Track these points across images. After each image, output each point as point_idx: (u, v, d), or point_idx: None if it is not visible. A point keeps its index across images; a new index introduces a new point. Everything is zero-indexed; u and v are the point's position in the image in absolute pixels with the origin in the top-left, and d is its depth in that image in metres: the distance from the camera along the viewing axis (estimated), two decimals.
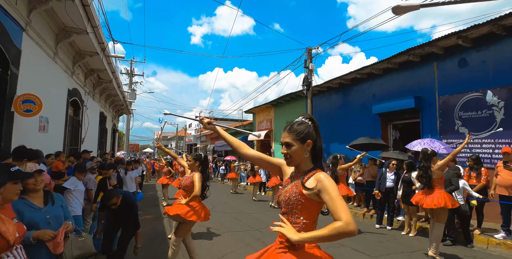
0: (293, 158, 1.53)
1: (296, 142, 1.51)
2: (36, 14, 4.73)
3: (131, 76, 20.25)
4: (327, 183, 1.41)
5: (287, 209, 1.50)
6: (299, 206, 1.46)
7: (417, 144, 6.65)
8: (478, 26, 6.46)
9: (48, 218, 2.19)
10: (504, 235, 5.13)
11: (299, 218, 1.46)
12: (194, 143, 38.51)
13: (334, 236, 1.31)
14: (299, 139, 1.51)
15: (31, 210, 2.16)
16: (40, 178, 2.25)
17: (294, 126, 1.55)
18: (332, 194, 1.37)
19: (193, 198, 3.50)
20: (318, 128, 1.59)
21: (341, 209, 1.32)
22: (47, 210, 2.23)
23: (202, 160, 3.74)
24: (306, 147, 1.52)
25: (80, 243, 2.36)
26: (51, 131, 5.75)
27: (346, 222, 1.29)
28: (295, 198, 1.46)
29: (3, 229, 1.61)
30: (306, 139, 1.52)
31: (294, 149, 1.51)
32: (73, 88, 7.32)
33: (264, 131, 17.33)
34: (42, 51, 5.25)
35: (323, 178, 1.43)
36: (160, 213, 7.79)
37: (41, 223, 2.13)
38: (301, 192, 1.45)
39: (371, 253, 4.65)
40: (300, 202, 1.46)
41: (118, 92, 12.05)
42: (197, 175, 3.55)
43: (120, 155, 15.54)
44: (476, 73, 7.04)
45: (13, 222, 1.75)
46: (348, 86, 11.13)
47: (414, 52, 8.04)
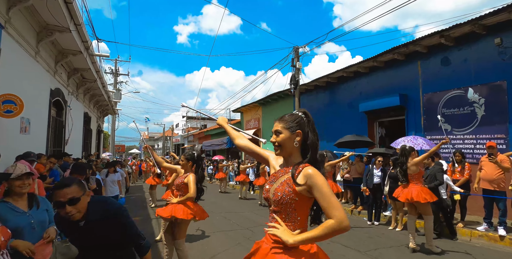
0: (282, 147, 1.52)
1: (284, 130, 1.51)
2: (16, 11, 4.56)
3: (116, 75, 19.85)
4: (318, 179, 1.38)
5: (280, 208, 1.45)
6: (293, 204, 1.42)
7: (401, 141, 6.82)
8: (459, 25, 6.66)
9: (32, 223, 2.11)
10: (486, 227, 5.33)
11: (293, 216, 1.44)
12: (181, 143, 38.13)
13: (328, 235, 1.31)
14: (288, 127, 1.51)
15: (14, 214, 2.07)
16: (28, 181, 2.15)
17: (286, 116, 1.56)
18: (323, 191, 1.35)
19: (187, 199, 3.41)
20: (313, 123, 1.57)
21: (333, 207, 1.32)
22: (32, 214, 2.14)
23: (195, 160, 3.62)
24: (295, 136, 1.51)
25: (65, 249, 2.26)
26: (33, 132, 5.57)
27: (339, 219, 1.29)
28: (289, 197, 1.42)
29: None
30: (296, 129, 1.51)
31: (282, 136, 1.50)
32: (56, 88, 7.11)
33: (252, 130, 17.34)
34: (23, 49, 5.08)
35: (313, 174, 1.39)
36: (148, 215, 7.68)
37: (25, 229, 2.04)
38: (295, 190, 1.41)
39: (360, 249, 4.73)
40: (294, 201, 1.42)
41: (102, 92, 11.80)
42: (191, 176, 3.44)
43: (106, 156, 15.22)
44: (458, 71, 7.26)
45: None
46: (335, 84, 11.27)
47: (399, 51, 8.21)
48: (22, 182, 2.11)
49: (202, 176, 3.65)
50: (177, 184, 3.59)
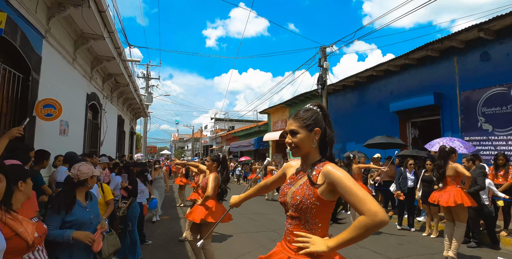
0: (300, 147, 1.38)
1: (302, 129, 1.36)
2: (55, 21, 4.89)
3: (148, 79, 20.67)
4: (338, 174, 1.24)
5: (299, 214, 1.33)
6: (314, 210, 1.30)
7: (436, 143, 6.44)
8: (501, 17, 6.17)
9: (91, 218, 2.20)
10: None
11: (314, 223, 1.31)
12: (209, 144, 38.87)
13: (364, 234, 1.15)
14: (306, 126, 1.36)
15: (78, 208, 2.16)
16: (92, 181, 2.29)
17: (300, 113, 1.41)
18: (347, 185, 1.19)
19: (205, 199, 3.49)
20: (328, 116, 1.44)
21: (362, 200, 1.15)
22: (90, 209, 2.24)
23: (220, 161, 3.70)
24: (314, 135, 1.37)
25: (113, 240, 2.45)
26: (71, 134, 5.93)
27: (371, 213, 1.12)
28: (309, 201, 1.29)
29: (20, 230, 1.57)
30: (314, 127, 1.37)
31: (300, 136, 1.36)
32: (92, 93, 7.53)
33: (279, 131, 17.26)
34: (62, 57, 5.42)
35: (332, 169, 1.26)
36: (177, 214, 7.89)
37: (86, 223, 2.14)
38: (316, 194, 1.28)
39: (390, 255, 4.51)
40: (315, 205, 1.29)
41: (135, 96, 12.31)
42: (211, 176, 3.54)
43: (138, 157, 15.88)
44: (500, 67, 6.73)
45: (32, 222, 1.70)
46: (364, 84, 10.91)
47: (433, 47, 7.78)
48: (93, 180, 2.28)
49: (227, 177, 3.71)
50: (202, 185, 3.69)
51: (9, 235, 1.51)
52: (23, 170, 1.80)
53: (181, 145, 60.69)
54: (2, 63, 3.73)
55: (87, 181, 2.25)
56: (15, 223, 1.56)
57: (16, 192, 1.69)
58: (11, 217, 1.57)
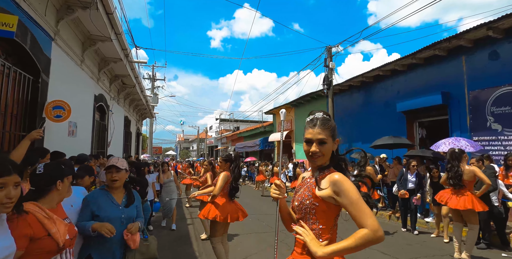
0: (325, 157, 1.38)
1: (329, 139, 1.38)
2: (64, 23, 4.95)
3: (153, 81, 20.80)
4: (345, 185, 1.26)
5: (301, 214, 1.38)
6: (313, 210, 1.33)
7: (442, 144, 6.37)
8: (510, 15, 6.09)
9: (122, 217, 2.16)
10: None
11: (315, 224, 1.34)
12: (215, 145, 38.96)
13: (361, 246, 1.19)
14: (332, 136, 1.39)
15: (110, 205, 2.15)
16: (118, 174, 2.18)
17: (324, 122, 1.40)
18: (352, 197, 1.24)
19: (212, 197, 3.54)
20: None
21: (364, 215, 1.20)
22: (124, 209, 2.20)
23: (233, 160, 3.75)
24: (335, 145, 1.42)
25: (144, 248, 2.25)
26: (79, 135, 5.99)
27: (373, 229, 1.17)
28: (308, 202, 1.34)
29: (53, 230, 1.48)
30: (335, 137, 1.42)
31: (327, 147, 1.38)
32: (99, 94, 7.60)
33: (285, 132, 17.24)
34: (70, 59, 5.49)
35: (339, 179, 1.28)
36: (183, 214, 7.92)
37: (115, 221, 2.09)
38: (314, 194, 1.33)
39: (399, 256, 4.48)
40: (314, 206, 1.33)
41: (141, 97, 12.41)
42: (221, 174, 3.60)
43: (145, 157, 16.00)
44: (509, 66, 6.64)
45: (65, 223, 1.63)
46: (371, 84, 10.85)
47: (441, 46, 7.70)
48: (111, 174, 2.18)
49: (239, 175, 3.76)
50: (214, 183, 3.77)
51: (41, 235, 1.44)
52: (62, 169, 1.76)
53: (186, 145, 60.92)
54: (13, 66, 3.79)
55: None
56: (49, 222, 1.49)
57: (53, 191, 1.65)
58: (46, 215, 1.51)
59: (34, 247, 1.42)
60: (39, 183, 1.62)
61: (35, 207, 1.50)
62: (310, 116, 1.48)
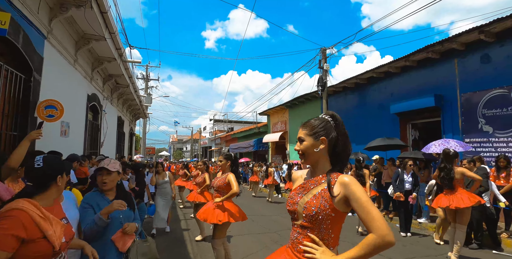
0: (306, 155, 1.40)
1: (307, 137, 1.39)
2: (57, 22, 4.88)
3: (147, 81, 20.64)
4: (355, 188, 1.24)
5: (313, 224, 1.31)
6: (329, 221, 1.28)
7: (432, 145, 6.46)
8: (501, 19, 6.22)
9: (121, 218, 2.12)
10: None
11: (327, 234, 1.30)
12: (208, 146, 38.82)
13: (372, 252, 1.16)
14: (312, 134, 1.38)
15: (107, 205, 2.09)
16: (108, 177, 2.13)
17: (311, 121, 1.43)
18: (362, 201, 1.21)
19: (231, 195, 3.52)
20: (341, 126, 1.41)
21: (374, 218, 1.17)
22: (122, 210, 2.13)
23: (233, 159, 3.77)
24: (320, 144, 1.37)
25: (145, 248, 2.20)
26: (72, 135, 5.90)
27: (382, 233, 1.14)
28: (325, 213, 1.27)
29: (49, 232, 1.34)
30: (321, 135, 1.37)
31: (305, 144, 1.39)
32: (92, 94, 7.50)
33: (279, 133, 17.26)
34: (63, 58, 5.41)
35: (349, 182, 1.26)
36: (177, 215, 7.86)
37: (114, 221, 2.07)
38: (332, 206, 1.27)
39: (394, 257, 4.51)
40: (331, 217, 1.28)
41: (135, 97, 12.29)
42: (231, 176, 3.59)
43: (138, 158, 15.83)
44: (500, 69, 6.77)
45: (62, 223, 1.47)
46: (365, 85, 10.94)
47: (433, 49, 7.81)
48: (101, 177, 2.13)
49: (239, 175, 3.78)
50: (218, 186, 3.68)
51: (35, 237, 1.31)
52: (62, 163, 1.62)
53: (180, 146, 60.60)
54: (4, 64, 3.72)
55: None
56: (45, 223, 1.35)
57: (52, 187, 1.51)
58: (42, 214, 1.35)
59: (26, 250, 1.28)
60: (38, 178, 1.47)
61: (30, 205, 1.35)
62: None
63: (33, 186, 1.48)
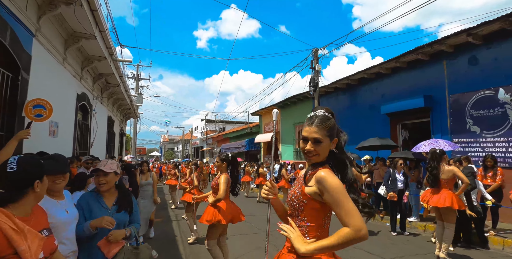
0: (320, 155, 1.36)
1: (325, 138, 1.35)
2: (46, 19, 4.77)
3: (138, 80, 20.41)
4: (329, 182, 1.24)
5: (292, 211, 1.40)
6: (302, 207, 1.33)
7: (421, 145, 6.59)
8: (488, 23, 6.36)
9: None
10: None
11: (303, 221, 1.34)
12: (200, 146, 38.62)
13: (343, 244, 1.19)
14: (329, 135, 1.37)
15: (99, 208, 2.07)
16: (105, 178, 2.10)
17: (322, 120, 1.38)
18: (336, 195, 1.22)
19: (217, 201, 3.51)
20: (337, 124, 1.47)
21: (348, 213, 1.19)
22: (113, 213, 2.11)
23: (230, 161, 3.74)
24: (333, 144, 1.40)
25: (133, 256, 2.08)
26: (61, 135, 5.78)
27: (355, 228, 1.16)
28: (297, 199, 1.35)
29: (22, 247, 1.14)
30: (333, 137, 1.40)
31: (323, 146, 1.35)
32: (82, 93, 7.37)
33: (271, 133, 17.28)
34: (52, 56, 5.30)
35: (324, 176, 1.26)
36: (169, 216, 7.80)
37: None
38: (303, 192, 1.33)
39: (385, 256, 4.56)
40: (303, 203, 1.32)
41: (125, 96, 12.13)
42: (222, 177, 3.56)
43: (128, 158, 15.64)
44: (487, 71, 6.92)
45: (40, 236, 1.26)
46: (356, 86, 11.05)
47: (423, 50, 7.94)
48: (98, 178, 2.11)
49: (237, 176, 3.79)
50: (212, 186, 3.70)
51: (4, 253, 1.12)
52: (40, 165, 1.41)
53: (171, 146, 60.11)
54: None
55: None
56: (18, 236, 1.15)
57: (28, 195, 1.32)
58: (15, 226, 1.16)
59: None
60: (12, 183, 1.28)
61: (1, 215, 1.15)
62: (312, 112, 1.44)
63: (6, 192, 1.27)
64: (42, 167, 1.42)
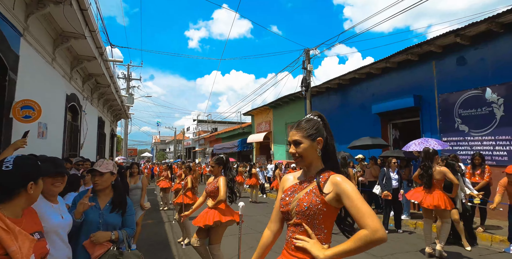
0: (304, 157, 1.40)
1: (305, 139, 1.39)
2: (34, 19, 4.68)
3: (129, 80, 20.20)
4: (347, 186, 1.27)
5: (305, 220, 1.34)
6: (321, 215, 1.32)
7: (412, 144, 6.69)
8: (475, 24, 6.50)
9: (100, 223, 2.06)
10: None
11: (320, 229, 1.33)
12: (192, 146, 38.41)
13: (362, 247, 1.18)
14: (309, 136, 1.39)
15: (91, 208, 2.04)
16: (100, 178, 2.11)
17: (302, 123, 1.44)
18: (354, 198, 1.23)
19: (218, 203, 3.48)
20: (328, 125, 1.48)
21: (365, 215, 1.19)
22: (104, 213, 2.09)
23: (224, 163, 3.71)
24: (317, 145, 1.41)
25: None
26: (50, 136, 5.68)
27: (373, 229, 1.16)
28: (316, 208, 1.31)
29: (12, 248, 1.13)
30: (317, 136, 1.40)
31: (304, 147, 1.38)
32: (71, 94, 7.26)
33: (263, 133, 17.31)
34: (40, 56, 5.20)
35: (341, 181, 1.29)
36: (161, 218, 7.74)
37: (91, 224, 2.02)
38: (323, 200, 1.31)
39: (376, 253, 4.62)
40: (322, 212, 1.31)
41: (116, 97, 11.98)
42: (221, 180, 3.52)
43: (119, 159, 15.45)
44: (475, 71, 7.07)
45: (31, 238, 1.25)
46: (347, 86, 11.15)
47: (412, 51, 8.06)
48: (93, 178, 2.13)
49: (232, 177, 3.73)
50: (210, 191, 3.63)
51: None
52: (37, 166, 1.39)
53: (163, 147, 59.62)
54: None
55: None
56: (8, 237, 1.13)
57: (21, 196, 1.30)
58: (5, 227, 1.15)
59: None
60: (5, 183, 1.26)
61: None
62: None
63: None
64: (38, 168, 1.40)
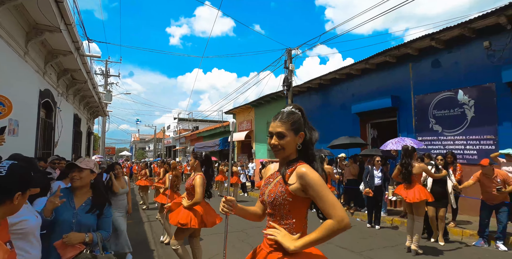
0: (285, 150, 1.40)
1: (289, 133, 1.40)
2: (4, 10, 4.44)
3: (107, 77, 19.58)
4: (311, 177, 1.28)
5: (274, 210, 1.39)
6: (287, 205, 1.35)
7: (389, 143, 6.94)
8: (449, 28, 6.79)
9: (72, 223, 1.98)
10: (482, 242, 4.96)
11: (288, 219, 1.36)
12: (173, 145, 37.80)
13: (329, 236, 1.25)
14: (293, 129, 1.40)
15: (64, 206, 1.96)
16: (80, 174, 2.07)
17: (285, 115, 1.43)
18: (319, 189, 1.26)
19: (194, 204, 3.37)
20: (307, 120, 1.50)
21: (330, 205, 1.25)
22: (78, 214, 2.01)
23: (203, 159, 3.61)
24: (298, 138, 1.42)
25: None
26: (21, 134, 5.41)
27: (338, 219, 1.23)
28: (282, 198, 1.35)
29: None
30: (299, 131, 1.42)
31: (287, 140, 1.39)
32: (45, 89, 6.95)
33: (245, 132, 17.30)
34: (12, 49, 4.94)
35: (306, 172, 1.30)
36: (141, 218, 7.57)
37: (63, 224, 1.94)
38: (288, 191, 1.34)
39: (355, 249, 4.74)
40: (288, 201, 1.34)
41: (93, 94, 11.58)
42: (197, 178, 3.37)
43: (96, 158, 14.96)
44: (449, 74, 7.39)
45: (5, 248, 1.18)
46: (328, 86, 11.34)
47: (391, 53, 8.31)
48: (72, 174, 2.08)
49: (212, 175, 3.70)
50: (187, 188, 3.55)
51: None
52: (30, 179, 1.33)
53: (142, 145, 58.30)
54: None
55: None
56: None
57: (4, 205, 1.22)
58: None
59: None
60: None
61: None
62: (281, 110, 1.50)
63: None
64: (31, 179, 1.35)
